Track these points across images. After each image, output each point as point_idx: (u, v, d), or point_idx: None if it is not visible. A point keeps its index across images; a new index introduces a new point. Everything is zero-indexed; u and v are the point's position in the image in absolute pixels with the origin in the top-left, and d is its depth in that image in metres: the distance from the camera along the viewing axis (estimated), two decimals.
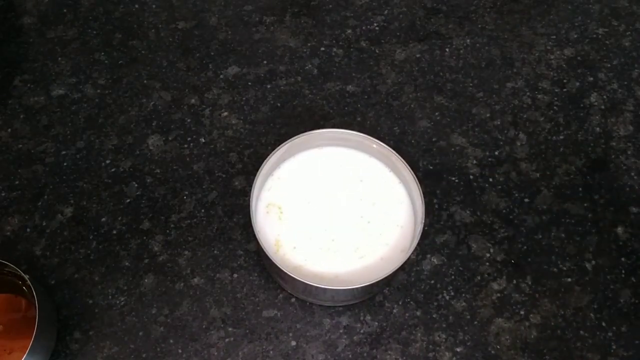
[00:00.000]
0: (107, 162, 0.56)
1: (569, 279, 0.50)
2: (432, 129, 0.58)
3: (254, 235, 0.42)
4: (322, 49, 0.64)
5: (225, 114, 0.59)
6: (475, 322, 0.47)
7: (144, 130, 0.58)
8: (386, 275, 0.40)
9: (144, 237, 0.51)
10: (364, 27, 0.66)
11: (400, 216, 0.45)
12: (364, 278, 0.42)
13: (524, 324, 0.47)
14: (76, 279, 0.49)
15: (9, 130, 0.58)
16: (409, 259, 0.42)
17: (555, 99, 0.60)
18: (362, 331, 0.47)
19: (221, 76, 0.62)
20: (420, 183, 0.44)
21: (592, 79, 0.62)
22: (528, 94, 0.61)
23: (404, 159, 0.45)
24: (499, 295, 0.49)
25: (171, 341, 0.47)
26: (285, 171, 0.48)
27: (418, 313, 0.48)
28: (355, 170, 0.48)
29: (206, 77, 0.62)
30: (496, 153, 0.57)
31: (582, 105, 0.60)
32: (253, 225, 0.43)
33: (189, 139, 0.57)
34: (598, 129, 0.58)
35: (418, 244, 0.42)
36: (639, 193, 0.54)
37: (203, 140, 0.57)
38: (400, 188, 0.47)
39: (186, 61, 0.63)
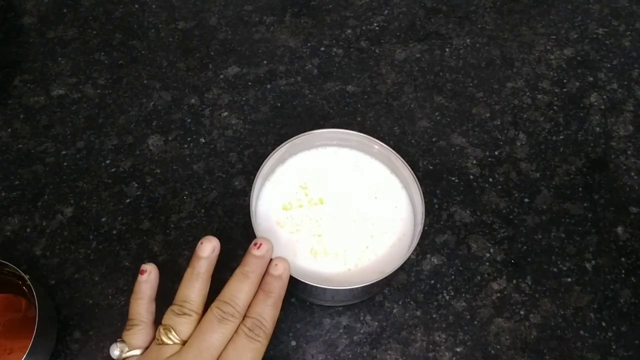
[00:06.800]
0: (107, 162, 0.56)
1: (569, 279, 0.50)
2: (432, 129, 0.58)
3: (254, 235, 0.42)
4: (322, 49, 0.64)
5: (225, 114, 0.59)
6: (475, 322, 0.47)
7: (144, 130, 0.58)
8: (386, 275, 0.40)
9: (144, 237, 0.51)
10: (364, 27, 0.66)
11: (400, 216, 0.45)
12: (364, 278, 0.42)
13: (524, 324, 0.47)
14: (76, 279, 0.49)
15: (9, 130, 0.58)
16: (409, 259, 0.42)
17: (555, 99, 0.60)
18: (362, 331, 0.47)
19: (221, 76, 0.62)
20: (420, 183, 0.44)
21: (592, 79, 0.62)
22: (528, 94, 0.61)
23: (404, 159, 0.45)
24: (499, 295, 0.49)
25: None
26: (285, 171, 0.48)
27: (418, 313, 0.48)
28: (355, 170, 0.48)
29: (206, 77, 0.62)
30: (496, 153, 0.57)
31: (582, 105, 0.60)
32: (253, 225, 0.43)
33: (189, 139, 0.57)
34: (598, 129, 0.58)
35: (418, 244, 0.42)
36: (639, 193, 0.54)
37: (203, 140, 0.57)
38: (400, 188, 0.47)
39: (186, 61, 0.63)
